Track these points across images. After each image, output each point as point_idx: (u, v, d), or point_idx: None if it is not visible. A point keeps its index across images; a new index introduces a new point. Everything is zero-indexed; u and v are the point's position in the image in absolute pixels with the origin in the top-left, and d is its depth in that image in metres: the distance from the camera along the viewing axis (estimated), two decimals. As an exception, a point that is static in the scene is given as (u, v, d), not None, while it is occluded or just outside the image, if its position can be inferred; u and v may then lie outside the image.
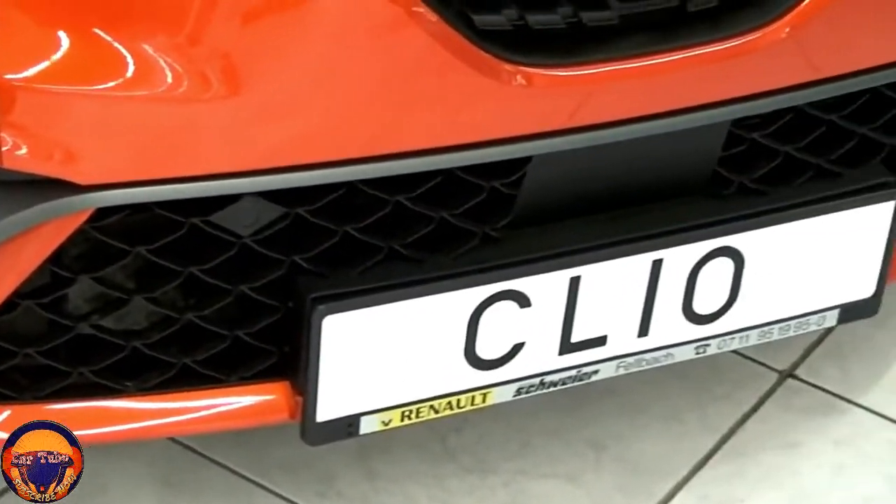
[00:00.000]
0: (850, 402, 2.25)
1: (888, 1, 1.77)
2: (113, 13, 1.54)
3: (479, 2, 1.61)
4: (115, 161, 1.59)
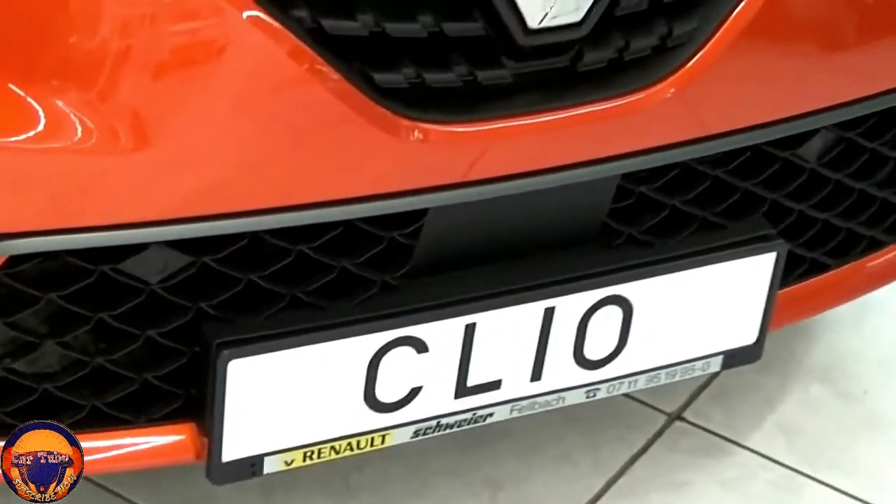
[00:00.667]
0: (736, 443, 2.27)
1: (765, 65, 1.78)
2: (25, 69, 1.54)
3: (379, 61, 1.61)
4: (26, 210, 1.58)
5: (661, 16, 1.70)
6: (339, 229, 1.72)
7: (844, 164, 2.02)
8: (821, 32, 1.83)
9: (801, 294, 2.04)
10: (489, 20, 1.61)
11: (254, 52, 1.56)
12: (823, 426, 2.30)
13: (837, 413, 2.34)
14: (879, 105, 1.92)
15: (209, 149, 1.61)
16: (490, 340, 1.79)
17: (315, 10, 1.56)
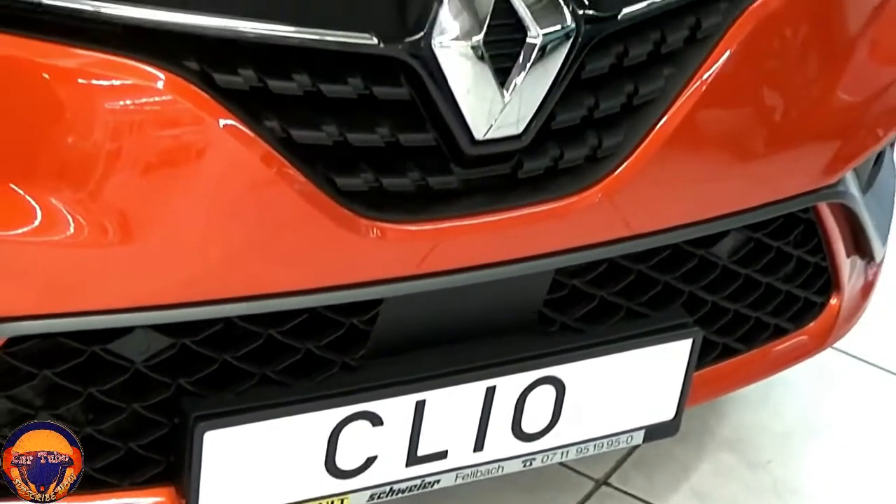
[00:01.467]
0: None
1: (682, 174, 1.81)
2: (24, 171, 1.54)
3: (342, 166, 1.62)
4: (24, 296, 1.58)
5: (591, 130, 1.72)
6: (305, 315, 1.72)
7: (752, 261, 2.04)
8: (729, 147, 1.86)
9: (715, 375, 2.06)
10: (440, 132, 1.63)
11: (229, 156, 1.57)
12: (733, 492, 2.33)
13: (745, 480, 2.36)
14: (781, 210, 1.94)
15: (187, 243, 1.62)
16: (438, 415, 1.79)
17: (284, 121, 1.57)
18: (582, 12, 1.64)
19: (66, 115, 1.54)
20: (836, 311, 2.11)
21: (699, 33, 1.76)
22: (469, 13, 1.59)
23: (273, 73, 1.56)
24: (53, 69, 1.52)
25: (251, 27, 1.55)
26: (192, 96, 1.53)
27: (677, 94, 1.76)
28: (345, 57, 1.59)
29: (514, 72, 1.62)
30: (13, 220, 1.53)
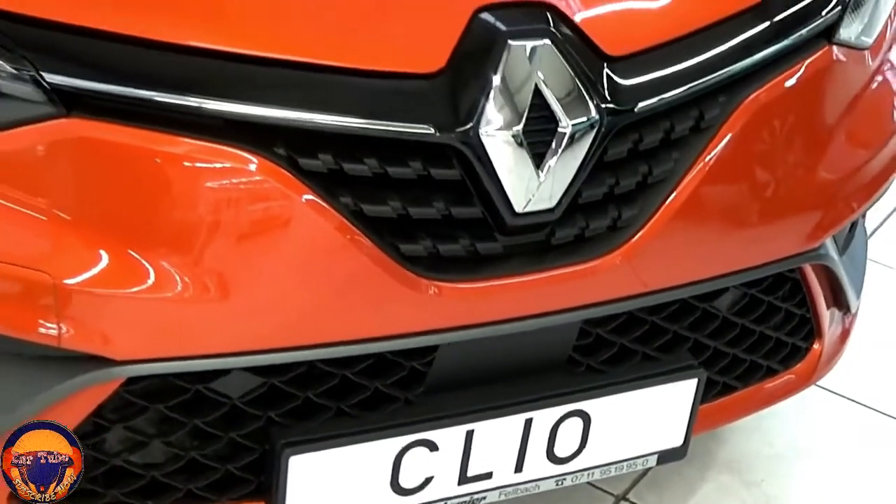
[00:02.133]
0: None
1: (688, 240, 1.80)
2: (140, 239, 1.55)
3: (404, 234, 1.62)
4: (140, 344, 1.59)
5: (612, 204, 1.72)
6: (373, 359, 1.72)
7: (748, 312, 2.03)
8: (728, 217, 1.85)
9: (717, 408, 2.04)
10: (486, 206, 1.63)
11: (310, 226, 1.57)
12: None
13: (742, 497, 2.35)
14: (771, 270, 1.94)
15: (275, 299, 1.61)
16: (484, 442, 1.79)
17: (356, 197, 1.57)
18: (604, 106, 1.64)
19: (174, 193, 1.55)
20: (819, 355, 2.11)
21: (702, 123, 1.75)
22: (510, 107, 1.59)
23: (348, 158, 1.57)
24: (165, 155, 1.54)
25: (330, 119, 1.56)
26: (279, 177, 1.54)
27: (684, 173, 1.76)
28: (407, 144, 1.59)
29: (548, 156, 1.62)
30: (131, 280, 1.54)
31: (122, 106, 1.51)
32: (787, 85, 1.83)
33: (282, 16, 1.61)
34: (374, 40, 1.63)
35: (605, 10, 1.73)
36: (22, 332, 1.54)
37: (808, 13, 1.87)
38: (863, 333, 2.30)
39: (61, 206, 1.54)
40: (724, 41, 1.78)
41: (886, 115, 2.03)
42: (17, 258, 1.52)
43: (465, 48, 1.61)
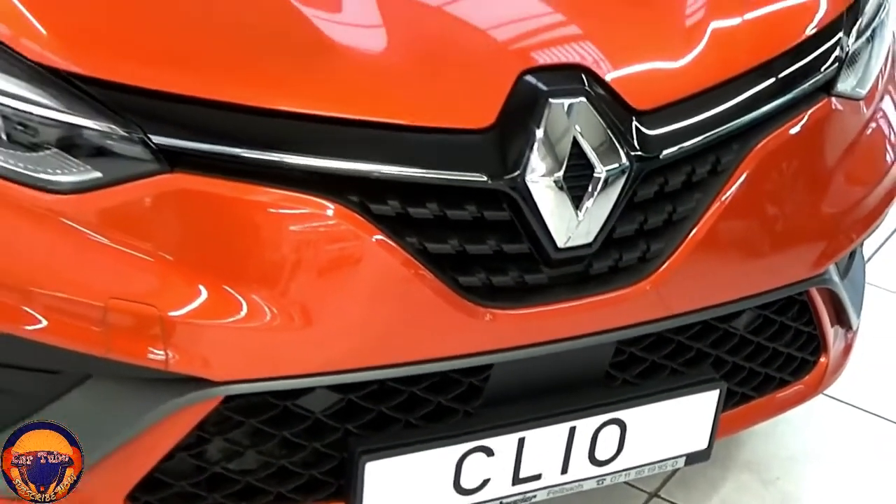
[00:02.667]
0: None
1: (708, 269, 1.80)
2: (234, 276, 1.56)
3: (462, 268, 1.63)
4: (236, 367, 1.60)
5: (642, 239, 1.72)
6: (437, 378, 1.72)
7: (762, 331, 2.01)
8: (743, 248, 1.85)
9: (736, 415, 2.03)
10: (532, 242, 1.64)
11: (380, 263, 1.58)
12: (753, 501, 2.30)
13: (760, 494, 2.34)
14: (782, 293, 1.93)
15: (351, 326, 1.62)
16: (534, 447, 1.78)
17: (420, 236, 1.58)
18: (633, 154, 1.65)
19: (263, 235, 1.57)
20: (825, 368, 2.09)
21: (719, 167, 1.75)
22: (551, 157, 1.60)
23: (413, 203, 1.57)
24: (254, 203, 1.55)
25: (396, 170, 1.57)
26: (353, 220, 1.55)
27: (704, 211, 1.75)
28: (463, 190, 1.60)
29: (585, 198, 1.63)
30: (226, 312, 1.55)
31: (217, 162, 1.53)
32: (792, 132, 1.83)
33: (354, 82, 1.62)
34: (433, 101, 1.64)
35: (632, 70, 1.73)
36: (135, 358, 1.56)
37: (809, 69, 1.87)
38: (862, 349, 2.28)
39: (166, 248, 1.56)
40: (736, 95, 1.78)
41: (880, 157, 2.02)
42: (128, 294, 1.54)
43: (511, 106, 1.62)
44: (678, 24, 1.81)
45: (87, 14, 1.62)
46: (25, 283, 1.56)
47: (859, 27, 1.98)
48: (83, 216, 1.55)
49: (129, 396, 1.62)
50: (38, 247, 1.57)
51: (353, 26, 1.66)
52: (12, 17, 1.58)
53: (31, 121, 1.54)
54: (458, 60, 1.67)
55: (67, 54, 1.55)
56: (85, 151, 1.55)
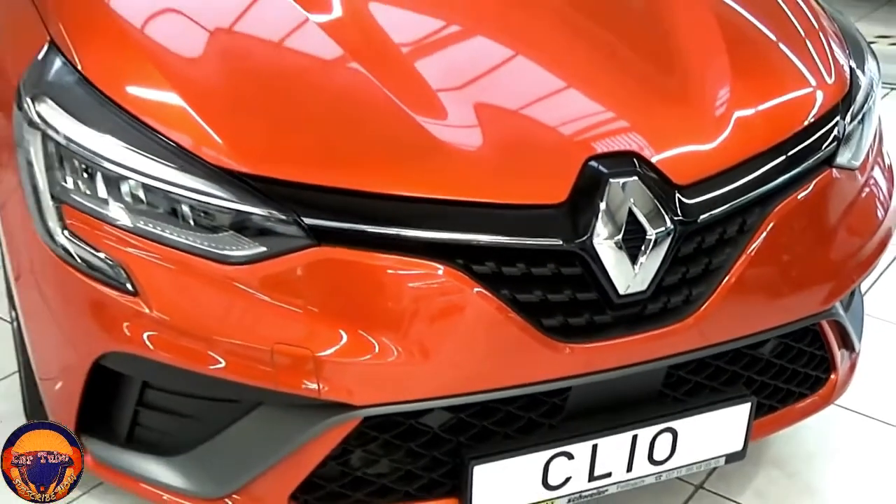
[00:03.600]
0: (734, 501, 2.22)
1: (740, 307, 1.77)
2: (366, 323, 1.59)
3: (545, 312, 1.63)
4: (372, 394, 1.62)
5: (685, 286, 1.72)
6: (525, 399, 1.73)
7: (784, 355, 1.99)
8: (766, 291, 1.82)
9: (765, 423, 2.00)
10: (599, 291, 1.64)
11: (480, 310, 1.59)
12: (779, 493, 2.27)
13: (785, 484, 2.31)
14: (798, 325, 1.90)
15: (458, 361, 1.63)
16: (605, 452, 1.77)
17: (512, 289, 1.59)
18: (676, 219, 1.65)
19: (389, 291, 1.59)
20: (835, 383, 2.06)
21: (745, 227, 1.75)
22: (612, 224, 1.62)
23: (505, 263, 1.59)
24: (383, 266, 1.58)
25: (492, 238, 1.59)
26: (458, 278, 1.57)
27: (734, 262, 1.74)
28: (545, 251, 1.62)
29: (640, 255, 1.63)
30: (362, 351, 1.58)
31: (354, 236, 1.57)
32: (802, 197, 1.82)
33: (458, 171, 1.65)
34: (520, 183, 1.65)
35: (672, 153, 1.73)
36: (295, 389, 1.59)
37: (814, 147, 1.87)
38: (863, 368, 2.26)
39: (315, 303, 1.59)
40: (757, 170, 1.77)
41: (873, 215, 2.00)
42: (288, 340, 1.58)
43: (580, 185, 1.64)
44: (708, 115, 1.80)
45: (250, 127, 1.67)
46: (209, 333, 1.61)
47: (853, 112, 1.97)
48: (252, 281, 1.59)
49: (291, 419, 1.65)
50: (218, 305, 1.62)
51: (455, 127, 1.68)
52: (195, 129, 1.64)
53: (211, 210, 1.59)
54: (537, 151, 1.67)
55: (236, 158, 1.60)
56: (252, 232, 1.59)
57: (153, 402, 1.74)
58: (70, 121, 1.66)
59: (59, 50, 1.77)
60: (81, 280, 1.65)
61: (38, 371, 1.85)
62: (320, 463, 1.63)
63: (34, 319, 1.83)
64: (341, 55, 1.75)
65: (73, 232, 1.66)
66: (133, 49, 1.76)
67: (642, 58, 1.91)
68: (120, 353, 1.66)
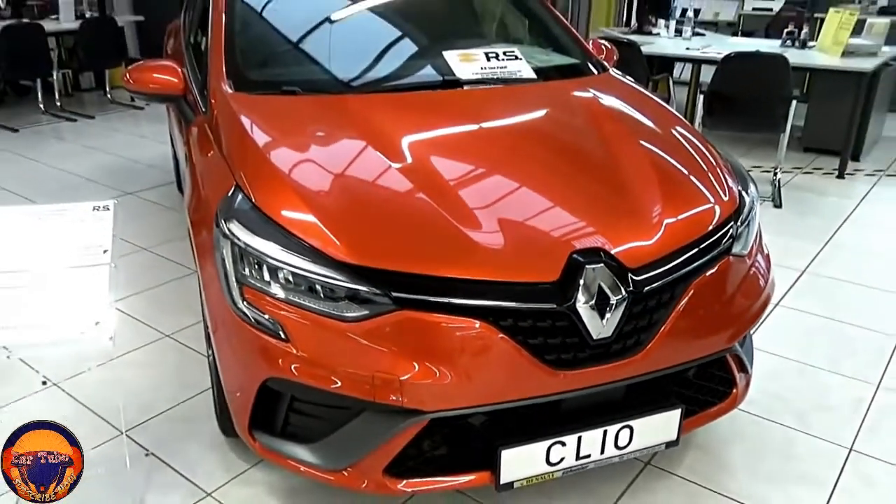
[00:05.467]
0: (673, 474, 2.12)
1: (675, 346, 1.72)
2: (432, 358, 1.57)
3: (545, 351, 1.62)
4: (436, 402, 1.61)
5: (636, 332, 1.70)
6: (534, 405, 1.67)
7: (703, 376, 1.96)
8: (693, 335, 1.77)
9: (691, 422, 1.92)
10: (579, 337, 1.64)
11: (502, 349, 1.59)
12: (703, 466, 2.14)
13: (706, 461, 2.17)
14: (713, 356, 1.86)
15: (489, 382, 1.61)
16: (586, 441, 1.73)
17: (524, 336, 1.59)
18: (629, 290, 1.65)
19: (445, 338, 1.59)
20: (736, 395, 1.99)
21: (674, 294, 1.74)
22: (588, 293, 1.62)
23: (519, 319, 1.60)
24: (440, 323, 1.59)
25: (512, 304, 1.60)
26: (489, 329, 1.58)
27: (668, 317, 1.73)
28: (544, 312, 1.61)
29: (606, 313, 1.64)
30: (429, 376, 1.57)
31: (423, 304, 1.59)
32: (710, 274, 1.81)
33: (489, 261, 1.64)
34: (529, 269, 1.64)
35: (625, 247, 1.71)
36: (386, 400, 1.60)
37: (717, 243, 1.86)
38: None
39: (397, 346, 1.60)
40: (681, 257, 1.76)
41: (758, 286, 1.95)
42: (382, 369, 1.59)
43: (566, 269, 1.64)
44: (647, 222, 1.78)
45: (357, 235, 1.68)
46: (332, 364, 1.62)
47: (741, 219, 1.97)
48: (360, 333, 1.61)
49: (385, 420, 1.64)
50: (339, 348, 1.63)
51: (486, 233, 1.68)
52: (323, 237, 1.68)
53: (334, 287, 1.62)
54: (538, 248, 1.65)
55: (349, 255, 1.63)
56: (359, 301, 1.62)
57: (298, 409, 1.76)
58: (247, 233, 1.71)
59: (240, 189, 1.83)
60: (253, 332, 1.69)
61: (225, 388, 1.88)
62: (403, 448, 1.62)
63: (224, 355, 1.86)
64: (412, 187, 1.75)
65: (249, 302, 1.70)
66: (285, 188, 1.80)
67: (602, 186, 1.90)
68: (277, 378, 1.69)
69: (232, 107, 2.14)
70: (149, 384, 2.44)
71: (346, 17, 2.65)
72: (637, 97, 2.46)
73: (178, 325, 2.89)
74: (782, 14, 6.54)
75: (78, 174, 4.81)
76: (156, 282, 3.26)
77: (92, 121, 6.23)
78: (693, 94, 5.93)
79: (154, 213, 4.09)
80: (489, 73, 2.42)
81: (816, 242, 3.78)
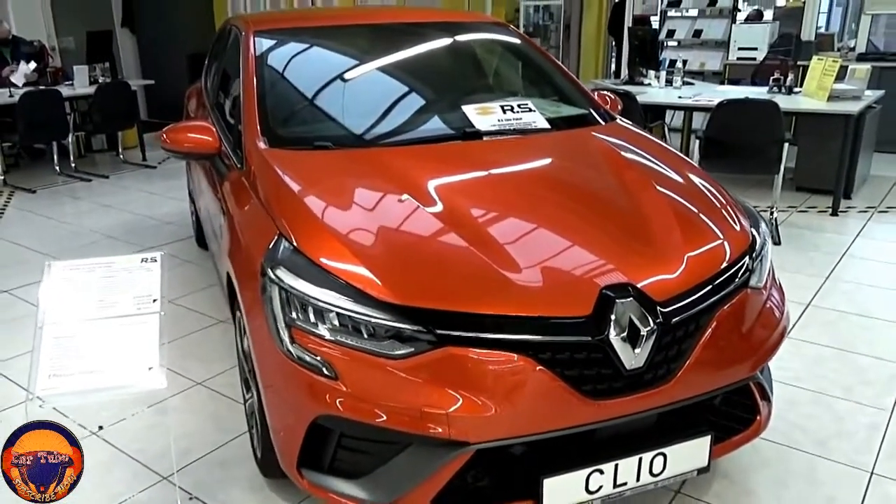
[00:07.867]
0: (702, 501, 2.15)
1: (701, 377, 1.74)
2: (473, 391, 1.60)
3: (583, 382, 1.65)
4: (480, 434, 1.63)
5: (667, 362, 1.73)
6: (573, 435, 1.68)
7: (728, 404, 1.99)
8: (718, 365, 1.79)
9: (719, 448, 1.94)
10: (613, 368, 1.67)
11: (540, 381, 1.62)
12: (729, 493, 2.18)
13: (732, 489, 2.21)
14: (736, 385, 1.88)
15: (529, 413, 1.63)
16: (622, 468, 1.73)
17: (562, 368, 1.63)
18: (658, 321, 1.70)
19: (486, 372, 1.62)
20: (760, 422, 2.02)
21: (700, 324, 1.79)
22: (619, 326, 1.67)
23: (556, 352, 1.64)
24: (481, 357, 1.62)
25: (549, 338, 1.64)
26: (528, 363, 1.62)
27: (695, 346, 1.77)
28: (580, 344, 1.66)
29: (638, 343, 1.68)
30: (472, 409, 1.59)
31: (466, 340, 1.63)
32: (730, 307, 1.85)
33: (524, 299, 1.68)
34: (564, 305, 1.68)
35: (652, 281, 1.76)
36: (434, 433, 1.63)
37: (734, 276, 1.91)
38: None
39: (443, 382, 1.63)
40: (703, 290, 1.82)
41: (774, 316, 1.99)
42: (429, 404, 1.63)
43: (599, 304, 1.69)
44: (671, 260, 1.80)
45: (400, 277, 1.73)
46: (378, 399, 1.66)
47: (756, 254, 2.03)
48: (405, 369, 1.65)
49: (432, 452, 1.67)
50: (386, 384, 1.66)
51: (520, 272, 1.69)
52: (367, 280, 1.73)
53: (379, 327, 1.67)
54: (571, 286, 1.68)
55: (393, 296, 1.68)
56: (404, 339, 1.67)
57: (346, 445, 1.79)
58: (294, 278, 1.77)
59: (283, 237, 1.89)
60: (303, 371, 1.73)
61: (271, 427, 1.91)
62: (451, 478, 1.62)
63: (271, 397, 1.89)
64: (447, 230, 1.79)
65: (298, 343, 1.75)
66: (326, 234, 1.80)
67: (625, 226, 1.94)
68: (327, 415, 1.72)
69: (269, 161, 2.22)
70: (185, 430, 2.47)
71: (363, 75, 2.74)
72: (648, 144, 2.55)
73: (208, 373, 2.93)
74: (766, 62, 6.74)
75: (97, 231, 4.87)
76: (182, 332, 3.30)
77: (106, 180, 6.33)
78: (686, 140, 6.08)
79: (174, 267, 4.14)
80: (506, 124, 2.51)
81: (817, 277, 3.86)
